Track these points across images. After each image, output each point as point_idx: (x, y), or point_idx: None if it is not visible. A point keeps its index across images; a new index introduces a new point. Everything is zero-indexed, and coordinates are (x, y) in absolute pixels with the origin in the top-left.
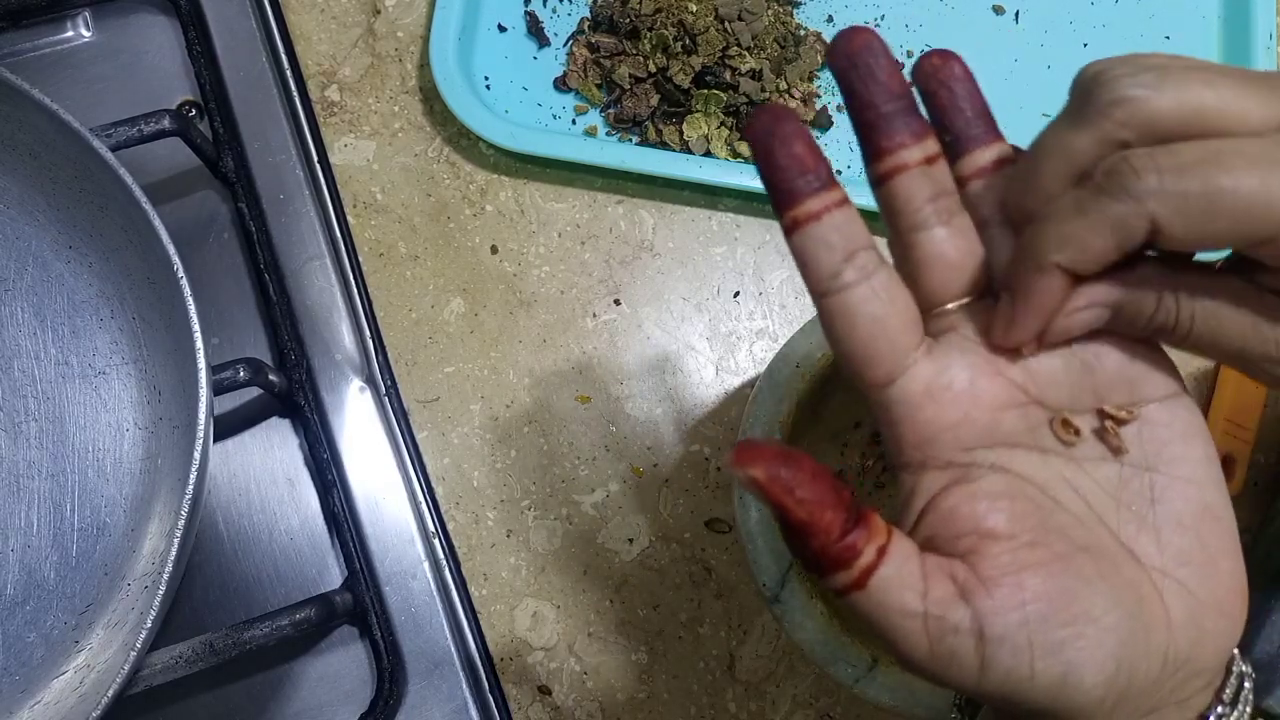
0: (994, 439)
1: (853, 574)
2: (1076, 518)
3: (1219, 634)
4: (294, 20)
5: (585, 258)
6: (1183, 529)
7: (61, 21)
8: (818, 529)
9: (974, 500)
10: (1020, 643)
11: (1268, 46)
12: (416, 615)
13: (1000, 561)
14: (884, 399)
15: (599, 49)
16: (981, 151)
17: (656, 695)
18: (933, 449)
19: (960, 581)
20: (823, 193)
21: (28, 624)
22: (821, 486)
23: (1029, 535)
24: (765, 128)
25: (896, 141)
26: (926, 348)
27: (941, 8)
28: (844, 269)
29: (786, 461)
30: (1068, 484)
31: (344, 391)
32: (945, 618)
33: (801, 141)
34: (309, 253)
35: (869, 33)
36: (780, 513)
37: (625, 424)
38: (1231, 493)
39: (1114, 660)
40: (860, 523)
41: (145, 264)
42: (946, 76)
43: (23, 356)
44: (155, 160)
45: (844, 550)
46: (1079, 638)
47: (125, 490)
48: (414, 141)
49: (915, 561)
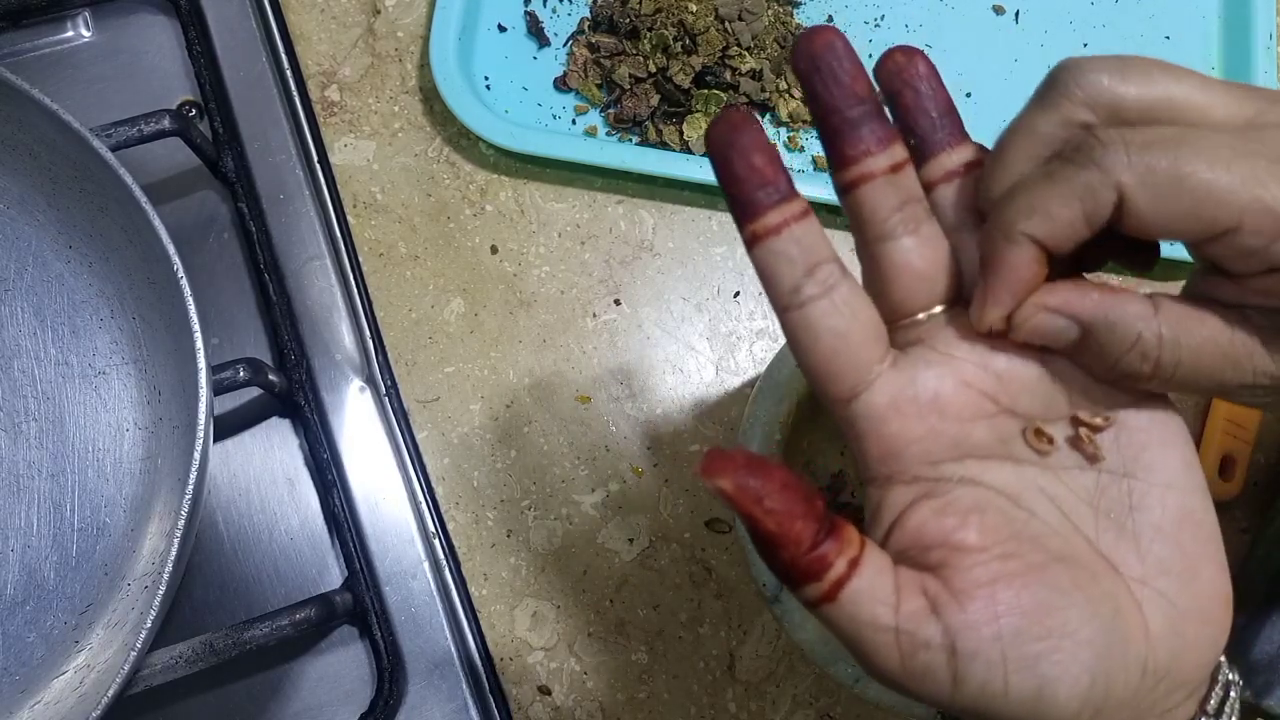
0: (963, 451)
1: (823, 586)
2: (1051, 528)
3: (1202, 643)
4: (294, 20)
5: (585, 258)
6: (1163, 536)
7: (61, 21)
8: (787, 540)
9: (943, 515)
10: (993, 658)
11: (1267, 46)
12: (416, 615)
13: (972, 575)
14: (848, 414)
15: (599, 49)
16: (948, 155)
17: (656, 695)
18: (899, 464)
19: (932, 595)
20: (782, 205)
21: (28, 624)
22: (791, 496)
23: (1002, 547)
24: (723, 138)
25: (861, 149)
26: (892, 360)
27: (941, 8)
28: (805, 283)
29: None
30: (1042, 493)
31: (344, 391)
32: (917, 633)
33: (761, 152)
34: (309, 253)
35: (831, 33)
36: (749, 523)
37: (625, 424)
38: (1231, 493)
39: (1089, 674)
40: (832, 534)
41: (145, 264)
42: (910, 76)
43: (23, 356)
44: (155, 160)
45: (814, 562)
46: (1054, 651)
47: (125, 490)
48: (414, 141)
49: (888, 575)
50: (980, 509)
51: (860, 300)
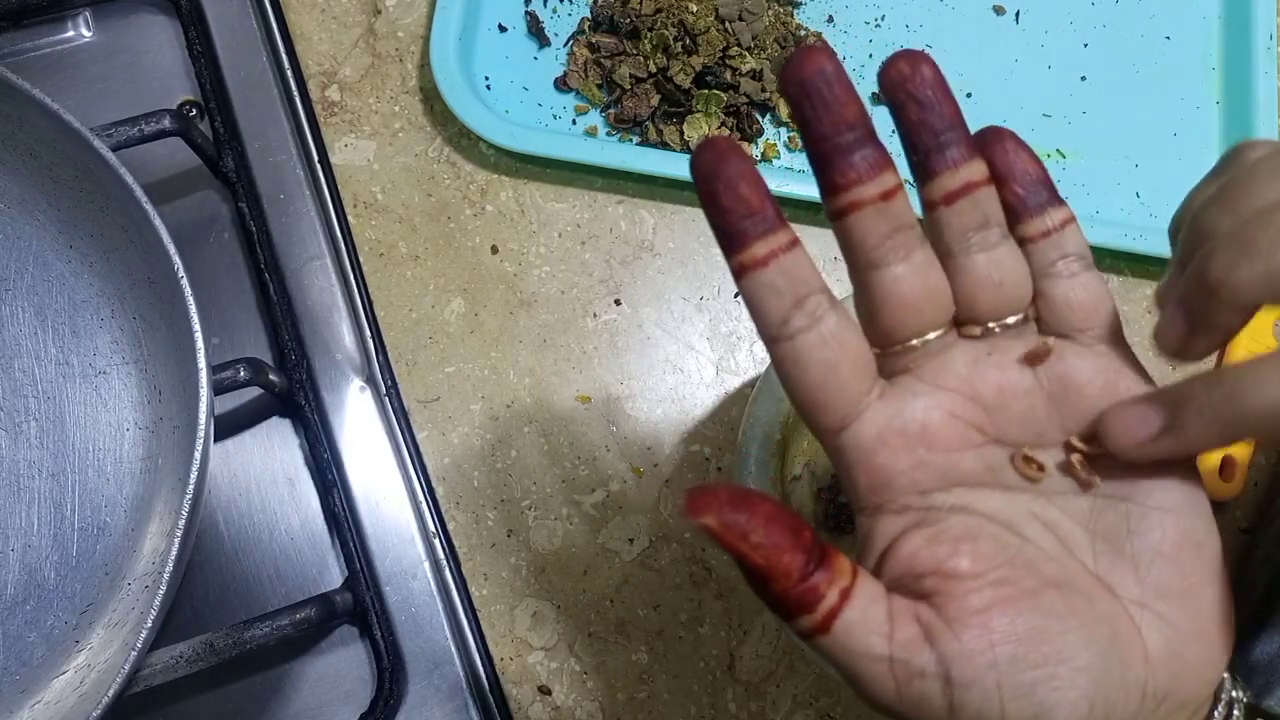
0: (952, 480)
1: (816, 618)
2: (1046, 553)
3: (1203, 664)
4: (294, 20)
5: (585, 258)
6: (1162, 559)
7: (62, 21)
8: (776, 573)
9: (934, 544)
10: (989, 686)
11: (1268, 47)
12: (416, 615)
13: (966, 602)
14: (838, 445)
15: (599, 49)
16: (950, 175)
17: (656, 695)
18: (888, 493)
19: (925, 623)
20: (769, 236)
21: (28, 624)
22: (778, 529)
23: (995, 573)
24: (708, 166)
25: (851, 177)
26: (879, 391)
27: (941, 8)
28: (793, 315)
29: (739, 506)
30: (1036, 519)
31: (344, 391)
32: (911, 662)
33: (747, 181)
34: (309, 253)
35: (822, 56)
36: (737, 559)
37: (625, 424)
38: (1231, 493)
39: (1087, 700)
40: (823, 564)
41: (146, 264)
42: (915, 88)
43: (23, 356)
44: (155, 160)
45: (806, 593)
46: (1050, 679)
47: (125, 490)
48: (414, 141)
49: (881, 604)
50: (972, 536)
51: (848, 331)
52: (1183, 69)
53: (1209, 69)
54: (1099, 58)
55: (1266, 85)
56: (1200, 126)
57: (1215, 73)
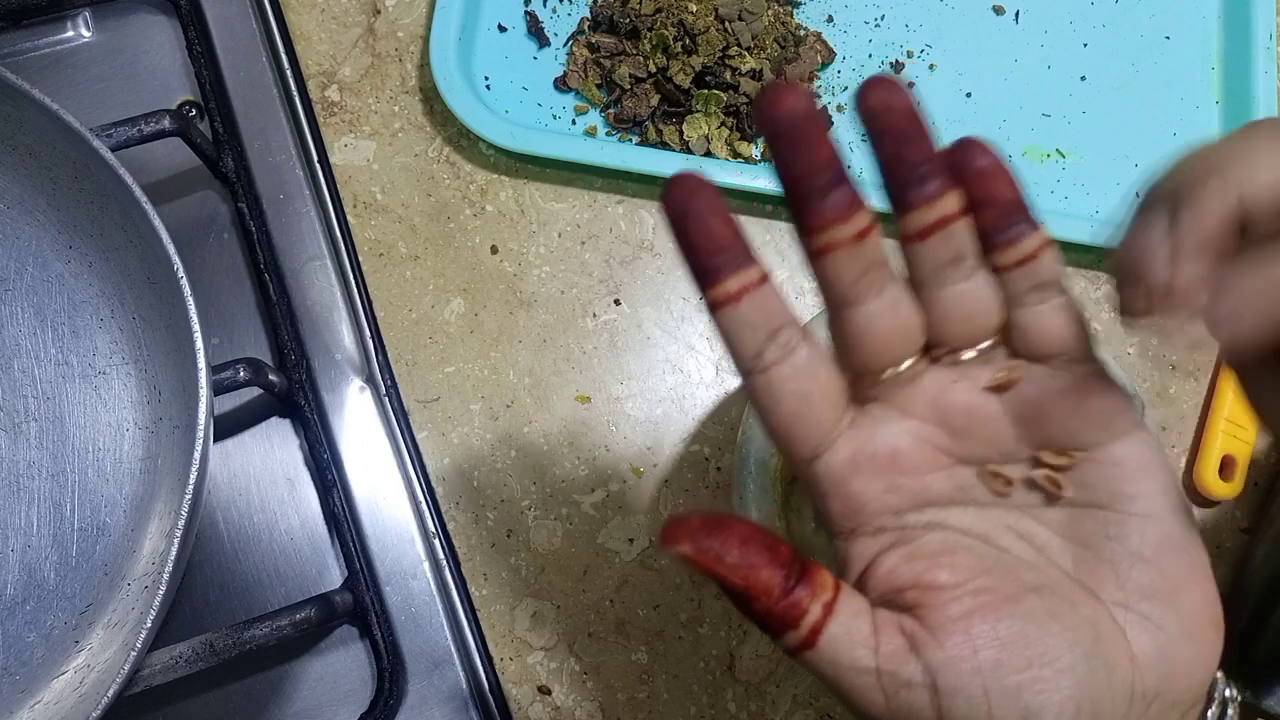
0: (924, 501)
1: (801, 633)
2: (1025, 561)
3: (1192, 664)
4: (294, 20)
5: (585, 258)
6: (1144, 563)
7: (62, 21)
8: (756, 591)
9: (912, 560)
10: (975, 692)
11: (1267, 46)
12: (416, 615)
13: (947, 611)
14: (811, 473)
15: (599, 49)
16: (925, 210)
17: (656, 695)
18: (862, 518)
19: (909, 634)
20: (740, 272)
21: (28, 624)
22: (753, 548)
23: (975, 582)
24: (680, 203)
25: (827, 219)
26: (850, 419)
27: (941, 8)
28: (766, 348)
29: (712, 531)
30: (1010, 530)
31: (344, 391)
32: (898, 672)
33: (717, 216)
34: (309, 253)
35: (796, 96)
36: (717, 582)
37: (625, 424)
38: (1231, 493)
39: (1074, 701)
40: (804, 579)
41: (145, 264)
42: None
43: (23, 356)
44: (155, 160)
45: (789, 609)
46: (1035, 682)
47: (125, 490)
48: (414, 141)
49: (865, 616)
50: (949, 550)
51: (820, 362)
52: (1182, 69)
53: (1209, 68)
54: (1099, 58)
55: (1266, 85)
56: (1200, 126)
57: (1215, 72)
